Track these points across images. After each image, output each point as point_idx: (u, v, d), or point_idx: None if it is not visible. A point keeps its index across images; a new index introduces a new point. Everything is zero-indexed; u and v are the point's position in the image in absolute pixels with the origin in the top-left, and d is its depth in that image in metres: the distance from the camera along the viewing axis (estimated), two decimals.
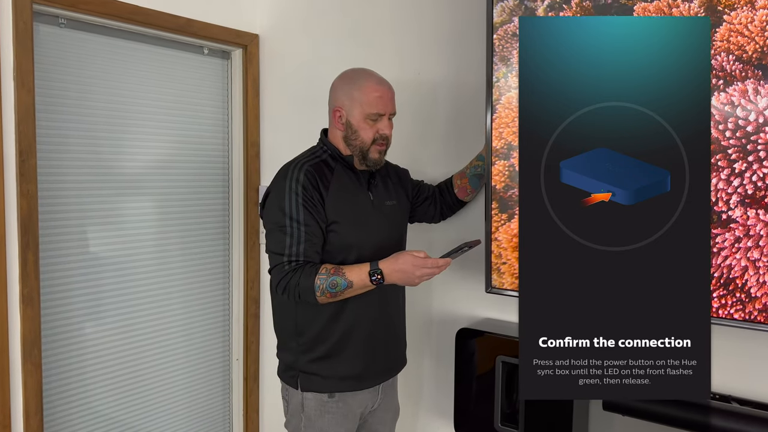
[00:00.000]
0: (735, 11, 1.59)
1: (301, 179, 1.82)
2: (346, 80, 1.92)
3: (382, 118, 1.89)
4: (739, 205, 1.60)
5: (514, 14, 1.92)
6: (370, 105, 1.86)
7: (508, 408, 2.04)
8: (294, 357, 1.96)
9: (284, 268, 1.80)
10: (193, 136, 2.79)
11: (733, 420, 1.64)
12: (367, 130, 1.88)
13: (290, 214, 1.80)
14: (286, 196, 1.82)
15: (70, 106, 2.36)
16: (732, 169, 1.60)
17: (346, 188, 1.90)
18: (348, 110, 1.88)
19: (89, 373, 2.47)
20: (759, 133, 1.57)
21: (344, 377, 1.92)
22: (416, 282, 1.77)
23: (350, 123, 1.88)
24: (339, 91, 1.91)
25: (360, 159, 1.92)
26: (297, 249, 1.80)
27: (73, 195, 2.38)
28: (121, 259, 2.55)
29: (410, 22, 2.41)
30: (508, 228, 1.98)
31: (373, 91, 1.87)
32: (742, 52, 1.58)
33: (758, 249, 1.59)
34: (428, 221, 2.21)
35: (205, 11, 2.71)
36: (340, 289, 1.77)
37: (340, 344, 1.91)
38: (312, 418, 1.92)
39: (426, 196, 2.16)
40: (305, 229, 1.80)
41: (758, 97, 1.57)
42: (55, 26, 2.30)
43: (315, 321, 1.90)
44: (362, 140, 1.88)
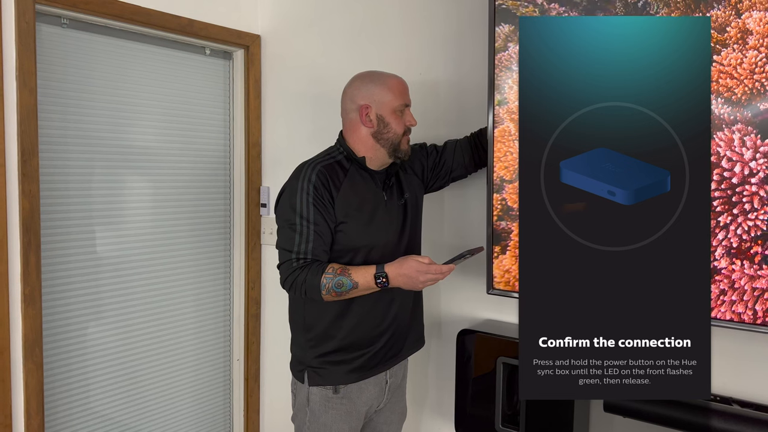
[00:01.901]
0: (725, 51, 1.58)
1: (313, 179, 1.87)
2: (366, 80, 1.96)
3: (406, 109, 1.96)
4: (725, 255, 1.61)
5: (510, 41, 1.94)
6: (396, 97, 1.92)
7: (509, 409, 2.04)
8: (302, 352, 1.99)
9: (292, 264, 1.84)
10: (194, 136, 2.79)
11: (734, 422, 1.64)
12: (398, 122, 1.93)
13: (301, 213, 1.85)
14: (298, 194, 1.86)
15: (72, 106, 2.36)
16: (717, 221, 1.60)
17: (357, 189, 1.93)
18: (377, 106, 1.92)
19: (90, 373, 2.47)
20: (744, 185, 1.56)
21: (349, 371, 1.94)
22: (420, 287, 1.80)
23: (382, 117, 1.92)
24: (362, 90, 1.94)
25: (391, 152, 1.95)
26: (306, 247, 1.84)
27: (75, 195, 2.39)
28: (122, 259, 2.56)
29: (412, 22, 2.41)
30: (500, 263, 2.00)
31: (396, 84, 1.94)
32: (731, 93, 1.58)
33: (743, 303, 1.59)
34: (462, 172, 2.16)
35: (207, 12, 2.71)
36: (345, 289, 1.80)
37: (346, 341, 1.93)
38: (316, 413, 1.95)
39: (444, 161, 2.14)
40: (314, 228, 1.84)
41: (743, 148, 1.56)
42: (58, 26, 2.31)
43: (322, 317, 1.94)
44: (395, 132, 1.93)
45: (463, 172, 2.16)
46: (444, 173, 2.14)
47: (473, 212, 2.25)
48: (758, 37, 1.53)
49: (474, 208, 2.23)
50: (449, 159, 2.13)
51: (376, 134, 1.94)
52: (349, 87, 1.98)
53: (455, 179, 2.17)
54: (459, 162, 2.12)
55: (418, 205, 2.10)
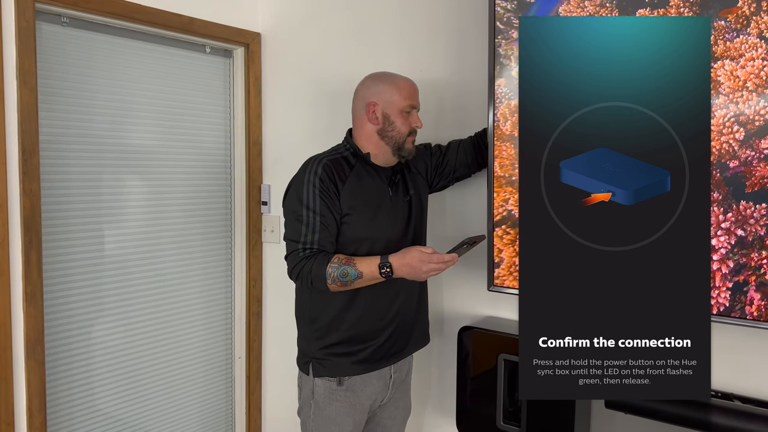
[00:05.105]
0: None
1: (319, 172, 1.91)
2: (377, 79, 2.00)
3: (413, 111, 1.99)
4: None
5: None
6: (404, 98, 1.96)
7: (511, 406, 2.04)
8: (307, 343, 2.02)
9: (299, 255, 1.88)
10: (195, 134, 2.79)
11: (735, 418, 1.64)
12: (403, 122, 1.96)
13: (307, 204, 1.89)
14: (305, 187, 1.91)
15: (72, 104, 2.36)
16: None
17: (362, 183, 1.96)
18: (384, 104, 1.96)
19: (92, 371, 2.48)
20: None
21: (353, 363, 1.96)
22: (423, 277, 1.82)
23: (387, 116, 1.96)
24: (372, 89, 1.99)
25: (395, 150, 1.99)
26: (312, 237, 1.88)
27: (75, 193, 2.39)
28: (123, 258, 2.56)
29: (413, 20, 2.41)
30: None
31: (405, 86, 1.98)
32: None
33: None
34: (466, 171, 2.17)
35: (208, 10, 2.71)
36: (350, 279, 1.83)
37: (350, 333, 1.96)
38: (321, 405, 1.97)
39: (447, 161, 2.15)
40: (320, 219, 1.88)
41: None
42: (58, 25, 2.31)
43: (327, 309, 1.97)
44: (399, 131, 1.96)
45: (467, 171, 2.18)
46: (447, 172, 2.15)
47: (474, 206, 2.25)
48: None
49: (474, 205, 2.23)
50: (452, 159, 2.15)
51: (381, 131, 1.97)
52: (361, 85, 2.02)
53: (459, 179, 2.19)
54: (462, 162, 2.15)
55: (422, 203, 2.12)
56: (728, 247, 1.60)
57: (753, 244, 1.58)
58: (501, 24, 1.96)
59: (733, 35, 1.57)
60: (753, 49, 1.54)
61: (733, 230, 1.59)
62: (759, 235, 1.57)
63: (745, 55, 1.55)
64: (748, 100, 1.55)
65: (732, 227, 1.59)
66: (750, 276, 1.60)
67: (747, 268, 1.59)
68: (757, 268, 1.58)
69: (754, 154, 1.56)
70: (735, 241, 1.59)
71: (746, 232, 1.58)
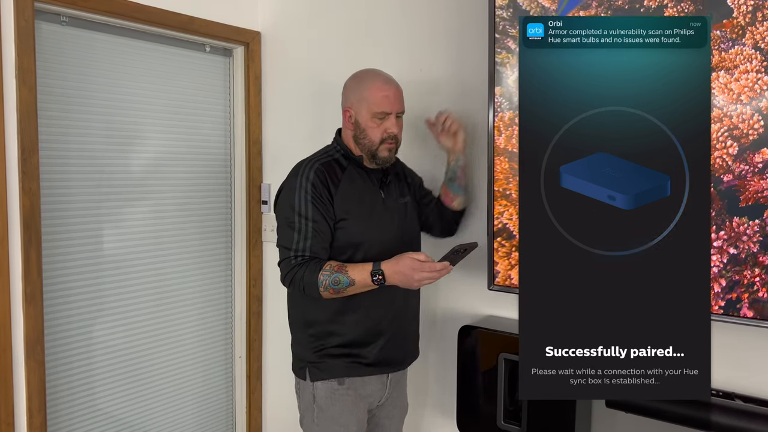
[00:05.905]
0: None
1: (311, 177, 1.88)
2: (356, 81, 1.96)
3: (388, 117, 1.92)
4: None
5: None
6: (376, 104, 1.90)
7: (511, 405, 2.04)
8: (303, 349, 2.00)
9: (291, 262, 1.87)
10: (195, 134, 2.79)
11: (737, 417, 1.64)
12: (374, 129, 1.91)
13: (299, 211, 1.86)
14: (296, 193, 1.88)
15: (72, 103, 2.36)
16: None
17: (355, 186, 1.94)
18: (356, 110, 1.92)
19: (92, 371, 2.48)
20: None
21: (348, 365, 1.95)
22: (416, 285, 1.79)
23: (358, 122, 1.92)
24: (349, 92, 1.96)
25: (369, 158, 1.95)
26: (304, 244, 1.86)
27: (75, 192, 2.39)
28: (123, 257, 2.56)
29: (413, 19, 2.40)
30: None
31: (379, 91, 1.90)
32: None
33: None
34: (428, 231, 2.20)
35: (207, 9, 2.70)
36: (342, 287, 1.81)
37: (347, 338, 1.94)
38: (323, 407, 1.95)
39: (428, 201, 2.18)
40: (313, 225, 1.86)
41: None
42: (57, 24, 2.30)
43: (322, 315, 1.95)
44: (371, 139, 1.92)
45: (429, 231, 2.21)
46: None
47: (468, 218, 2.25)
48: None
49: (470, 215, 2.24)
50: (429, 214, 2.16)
51: (354, 137, 1.95)
52: (345, 85, 1.99)
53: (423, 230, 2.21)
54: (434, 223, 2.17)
55: (415, 209, 2.11)
56: (720, 266, 1.60)
57: (746, 261, 1.58)
58: (497, 34, 1.95)
59: (729, 45, 1.56)
60: (748, 60, 1.54)
61: (726, 248, 1.59)
62: (752, 252, 1.56)
63: (739, 67, 1.55)
64: (742, 113, 1.55)
65: (724, 245, 1.59)
66: (743, 293, 1.60)
67: (740, 285, 1.60)
68: (750, 285, 1.58)
69: (748, 168, 1.56)
70: (727, 260, 1.60)
71: (739, 250, 1.58)
